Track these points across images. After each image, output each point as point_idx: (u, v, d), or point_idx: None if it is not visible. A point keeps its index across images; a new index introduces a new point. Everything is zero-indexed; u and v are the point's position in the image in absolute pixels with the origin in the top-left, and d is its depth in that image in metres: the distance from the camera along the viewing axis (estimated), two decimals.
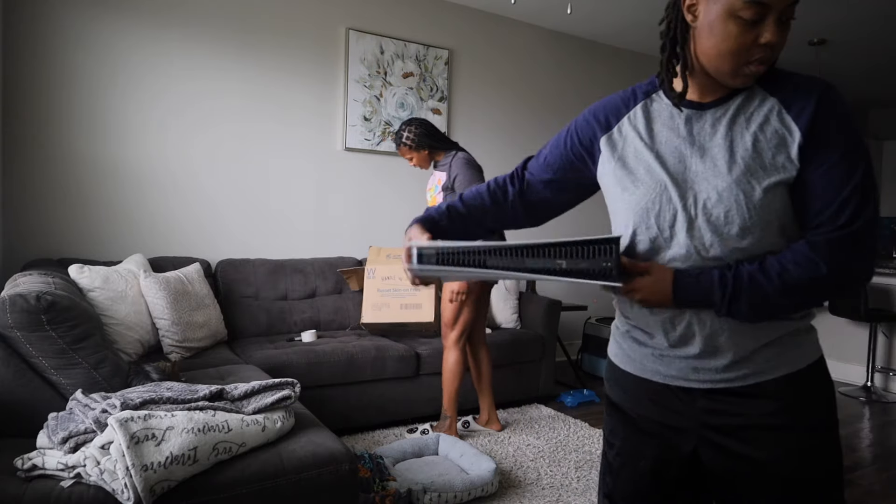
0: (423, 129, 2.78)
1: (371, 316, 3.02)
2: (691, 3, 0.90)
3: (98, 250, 3.00)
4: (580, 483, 2.35)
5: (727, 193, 0.88)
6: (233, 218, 3.36)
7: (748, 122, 0.91)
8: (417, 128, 2.77)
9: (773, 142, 0.88)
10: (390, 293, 3.02)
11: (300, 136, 3.54)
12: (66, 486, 1.28)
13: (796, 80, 0.91)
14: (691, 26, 0.92)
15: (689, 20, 0.91)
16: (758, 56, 0.86)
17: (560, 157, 1.10)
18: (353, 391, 2.82)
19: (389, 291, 3.02)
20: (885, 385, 4.14)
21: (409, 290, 3.00)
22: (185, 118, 3.20)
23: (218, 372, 2.22)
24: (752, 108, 0.91)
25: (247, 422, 1.48)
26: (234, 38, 3.30)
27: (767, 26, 0.85)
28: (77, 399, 1.48)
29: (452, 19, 4.02)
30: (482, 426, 2.96)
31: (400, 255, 3.02)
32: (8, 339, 1.57)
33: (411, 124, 2.79)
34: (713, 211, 0.89)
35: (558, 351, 4.25)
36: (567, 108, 4.60)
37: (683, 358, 0.95)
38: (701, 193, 0.90)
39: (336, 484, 1.53)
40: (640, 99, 1.02)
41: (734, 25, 0.85)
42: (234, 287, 3.15)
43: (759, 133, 0.89)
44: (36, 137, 2.85)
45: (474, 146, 4.15)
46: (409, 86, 3.84)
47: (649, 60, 5.04)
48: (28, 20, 2.80)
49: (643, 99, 1.02)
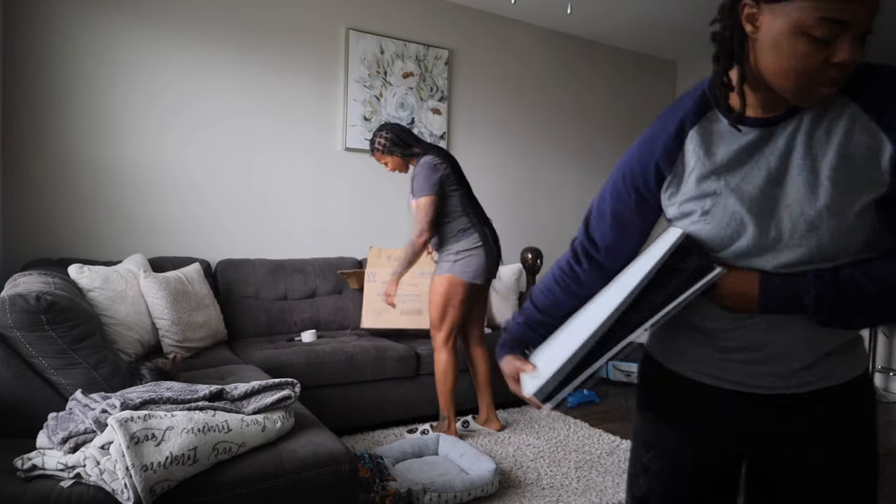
0: (393, 133, 2.79)
1: (371, 321, 3.02)
2: (751, 13, 0.78)
3: (98, 250, 3.00)
4: (580, 483, 2.35)
5: (818, 221, 0.79)
6: (233, 218, 3.36)
7: (828, 134, 0.79)
8: (388, 132, 2.79)
9: (862, 155, 0.77)
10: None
11: (300, 136, 3.54)
12: (65, 486, 1.28)
13: (878, 75, 0.78)
14: (750, 37, 0.79)
15: (749, 31, 0.79)
16: (830, 76, 0.74)
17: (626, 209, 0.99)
18: (353, 391, 2.82)
19: None
20: (886, 385, 4.14)
21: (410, 296, 3.00)
22: (185, 118, 3.20)
23: (218, 372, 2.22)
24: (830, 116, 0.80)
25: (247, 422, 1.48)
26: (234, 37, 3.30)
27: (842, 44, 0.72)
28: (77, 399, 1.48)
29: (452, 19, 4.02)
30: (481, 425, 2.95)
31: (399, 255, 3.02)
32: (8, 339, 1.57)
33: (382, 129, 2.81)
34: (802, 241, 0.80)
35: None
36: (567, 108, 4.60)
37: (747, 362, 0.90)
38: (785, 224, 0.81)
39: (336, 484, 1.53)
40: (693, 121, 0.90)
41: (804, 44, 0.73)
42: (234, 287, 3.15)
43: (843, 147, 0.78)
44: (36, 137, 2.85)
45: (474, 146, 4.15)
46: (409, 86, 3.84)
47: (649, 60, 5.05)
48: (28, 20, 2.80)
49: (696, 121, 0.89)
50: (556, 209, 4.58)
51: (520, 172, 4.40)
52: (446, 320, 2.70)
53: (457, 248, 2.70)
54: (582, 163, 4.70)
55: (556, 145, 4.56)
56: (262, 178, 3.44)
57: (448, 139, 4.04)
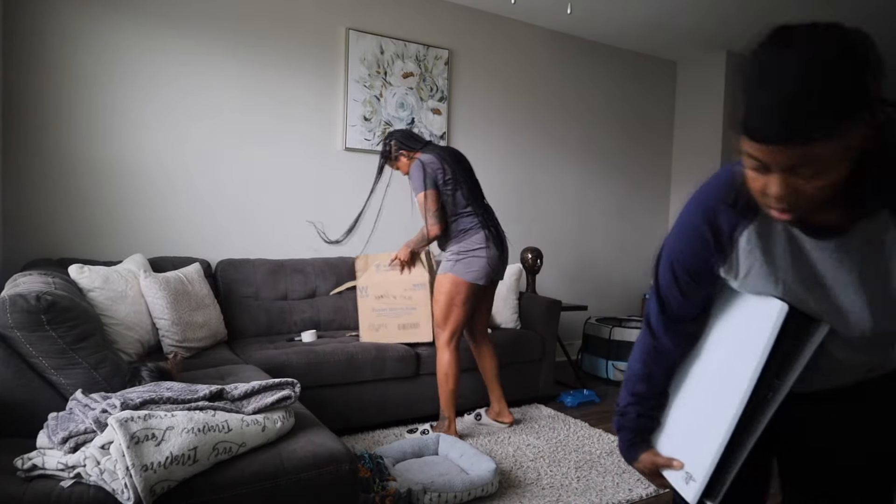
0: (397, 140, 2.82)
1: (369, 336, 3.01)
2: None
3: (98, 250, 3.00)
4: (580, 483, 2.35)
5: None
6: (233, 218, 3.36)
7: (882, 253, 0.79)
8: (392, 140, 2.83)
9: None
10: (386, 313, 3.01)
11: (300, 137, 3.54)
12: (66, 486, 1.28)
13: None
14: None
15: None
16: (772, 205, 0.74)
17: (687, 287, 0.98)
18: (353, 391, 2.82)
19: (385, 311, 3.01)
20: None
21: (406, 310, 3.00)
22: (185, 118, 3.20)
23: (218, 372, 2.22)
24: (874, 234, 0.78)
25: (247, 422, 1.48)
26: (234, 38, 3.30)
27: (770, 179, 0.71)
28: (77, 399, 1.48)
29: (452, 19, 4.02)
30: (494, 419, 2.98)
31: (386, 262, 3.03)
32: (8, 339, 1.57)
33: (388, 138, 2.85)
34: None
35: (558, 351, 4.25)
36: (567, 108, 4.60)
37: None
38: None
39: (336, 484, 1.53)
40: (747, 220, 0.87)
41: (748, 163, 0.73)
42: (234, 287, 3.15)
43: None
44: (36, 137, 2.85)
45: (474, 146, 4.15)
46: (409, 86, 3.84)
47: (649, 60, 5.05)
48: (29, 19, 2.80)
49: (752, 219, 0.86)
50: (557, 209, 4.58)
51: (520, 172, 4.40)
52: (450, 319, 2.71)
53: (458, 248, 2.70)
54: (582, 163, 4.70)
55: (556, 145, 4.56)
56: (262, 179, 3.44)
57: (448, 139, 4.04)
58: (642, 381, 1.08)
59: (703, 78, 4.96)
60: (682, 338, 1.04)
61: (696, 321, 1.03)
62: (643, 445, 1.07)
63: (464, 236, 2.70)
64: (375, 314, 3.01)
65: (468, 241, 2.69)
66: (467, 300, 2.70)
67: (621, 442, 1.10)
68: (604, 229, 4.85)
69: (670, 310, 1.00)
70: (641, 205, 5.09)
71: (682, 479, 0.98)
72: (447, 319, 2.71)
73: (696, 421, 0.99)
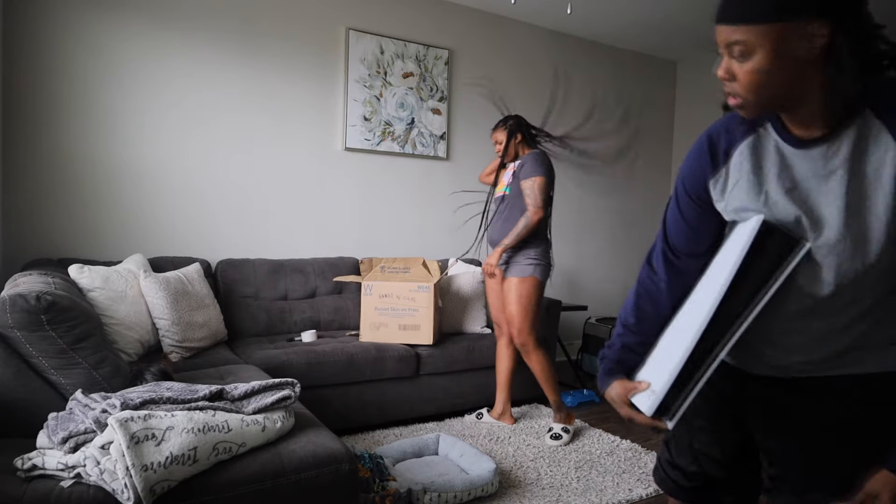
0: (521, 121, 2.98)
1: (369, 335, 3.01)
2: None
3: (98, 250, 3.00)
4: (580, 483, 2.35)
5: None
6: (233, 218, 3.36)
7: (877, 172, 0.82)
8: (517, 118, 2.99)
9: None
10: (388, 312, 3.01)
11: (300, 137, 3.54)
12: (66, 486, 1.28)
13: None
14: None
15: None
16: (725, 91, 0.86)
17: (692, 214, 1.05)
18: (353, 391, 2.82)
19: (387, 311, 3.01)
20: None
21: (408, 311, 3.00)
22: (185, 117, 3.20)
23: (218, 372, 2.22)
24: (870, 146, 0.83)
25: (247, 422, 1.48)
26: (234, 38, 3.30)
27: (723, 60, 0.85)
28: (77, 399, 1.48)
29: (452, 19, 4.02)
30: (496, 419, 3.00)
31: (393, 265, 3.05)
32: (8, 339, 1.57)
33: (511, 117, 3.00)
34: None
35: (558, 351, 4.25)
36: (567, 108, 4.59)
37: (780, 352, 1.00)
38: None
39: (336, 484, 1.53)
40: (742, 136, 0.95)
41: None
42: (234, 287, 3.15)
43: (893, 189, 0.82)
44: (36, 137, 2.85)
45: (474, 146, 4.15)
46: (409, 86, 3.84)
47: (649, 60, 5.04)
48: (28, 20, 2.80)
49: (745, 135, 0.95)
50: (556, 209, 4.58)
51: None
52: (533, 322, 2.84)
53: (540, 251, 2.83)
54: (582, 163, 4.70)
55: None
56: (262, 178, 3.44)
57: (448, 139, 4.04)
58: (632, 314, 1.11)
59: (703, 78, 4.96)
60: (677, 276, 1.07)
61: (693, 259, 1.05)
62: (619, 375, 1.08)
63: (543, 242, 2.86)
64: (377, 313, 3.01)
65: (545, 247, 2.87)
66: (541, 301, 2.89)
67: (600, 373, 1.12)
68: (604, 229, 4.85)
69: (671, 238, 1.07)
70: (641, 205, 5.09)
71: (645, 398, 0.96)
72: (529, 321, 2.82)
73: (669, 341, 0.98)
